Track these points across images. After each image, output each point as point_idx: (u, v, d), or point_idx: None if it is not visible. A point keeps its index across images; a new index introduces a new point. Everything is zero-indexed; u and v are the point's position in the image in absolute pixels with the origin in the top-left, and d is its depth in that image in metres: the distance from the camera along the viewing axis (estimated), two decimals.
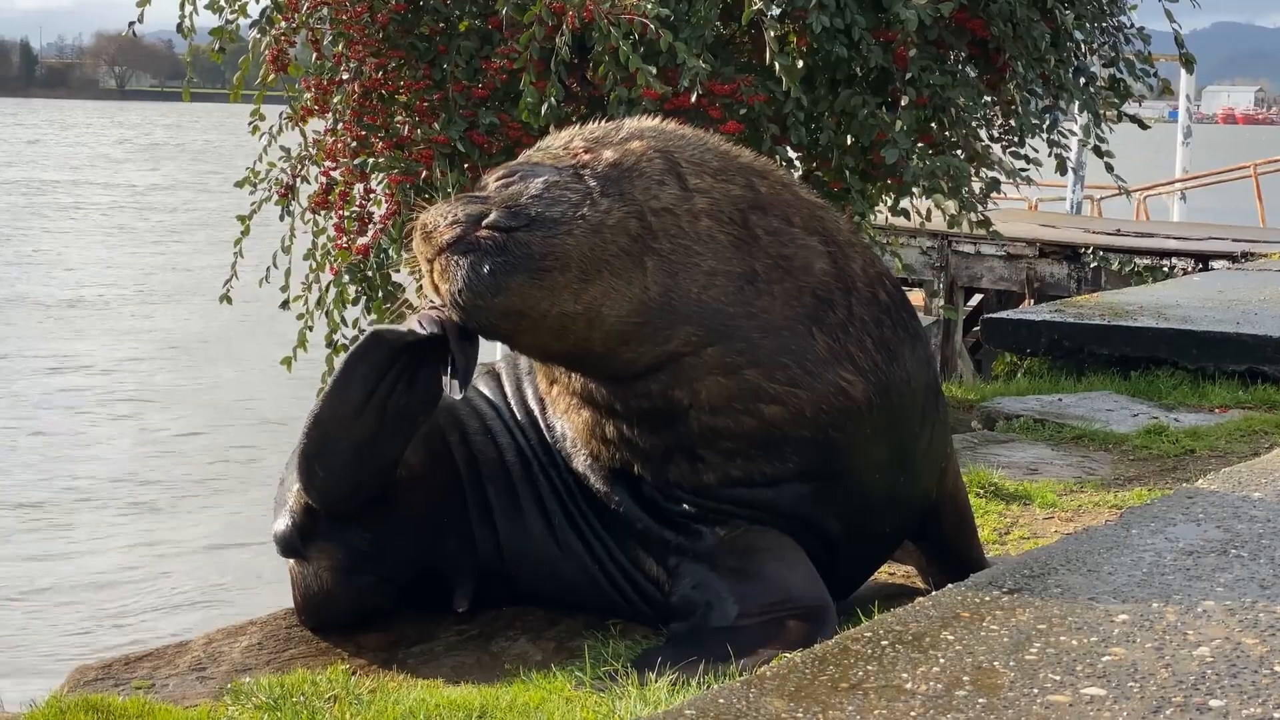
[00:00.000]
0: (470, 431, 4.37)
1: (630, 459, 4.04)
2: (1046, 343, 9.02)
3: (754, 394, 3.86)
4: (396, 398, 3.95)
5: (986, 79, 7.28)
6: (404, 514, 4.20)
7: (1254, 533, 4.12)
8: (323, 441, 4.02)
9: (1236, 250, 14.22)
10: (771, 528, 4.02)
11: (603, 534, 4.19)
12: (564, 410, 4.17)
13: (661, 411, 3.91)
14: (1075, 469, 6.52)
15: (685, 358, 3.85)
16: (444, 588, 4.28)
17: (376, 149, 7.05)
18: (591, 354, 3.88)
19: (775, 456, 3.95)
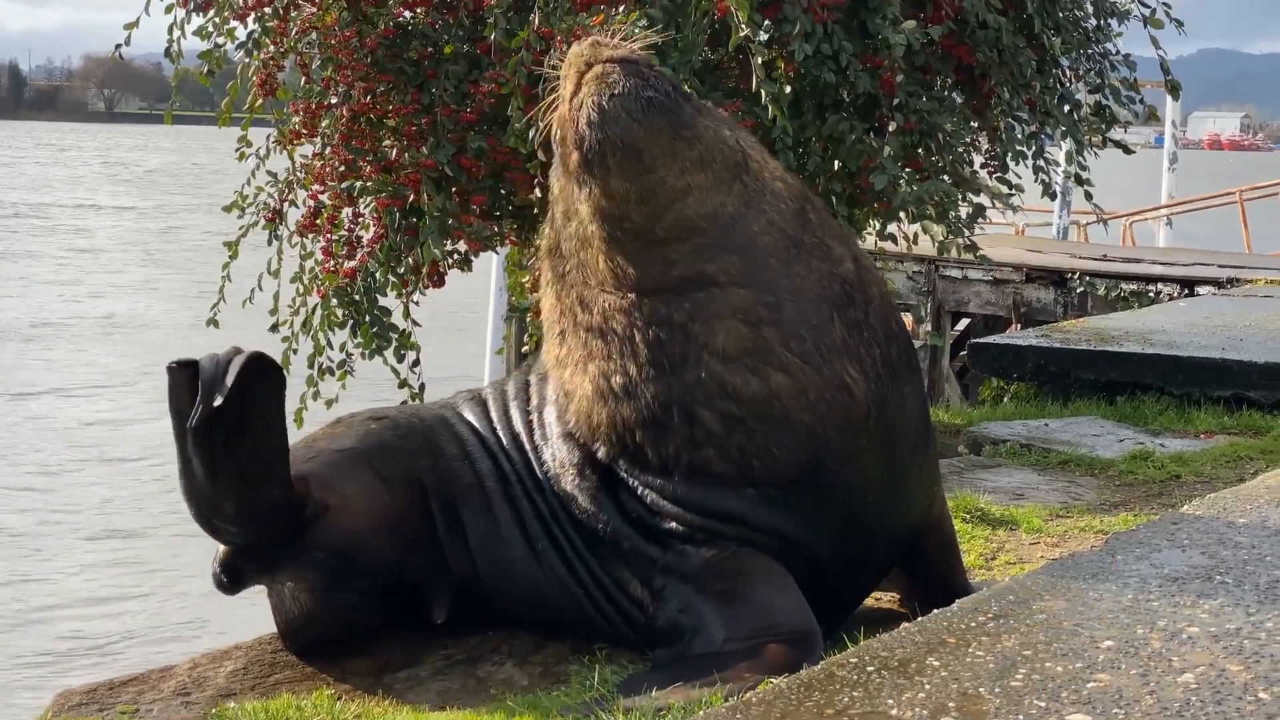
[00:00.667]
0: (448, 456, 4.39)
1: (630, 421, 3.99)
2: (1033, 368, 9.05)
3: (766, 354, 3.90)
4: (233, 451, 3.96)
5: (973, 105, 7.30)
6: (360, 529, 4.20)
7: (1239, 559, 4.13)
8: (204, 510, 4.04)
9: (1222, 276, 14.26)
10: (761, 552, 4.02)
11: (587, 557, 4.19)
12: (570, 373, 4.14)
13: (676, 347, 3.92)
14: (1061, 494, 6.53)
15: (717, 287, 3.92)
16: (423, 602, 4.29)
17: (364, 173, 7.06)
18: (649, 236, 3.94)
19: (772, 440, 3.92)
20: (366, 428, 4.47)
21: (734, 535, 4.00)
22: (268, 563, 4.17)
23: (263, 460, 4.02)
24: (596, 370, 4.04)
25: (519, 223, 7.64)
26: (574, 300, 4.11)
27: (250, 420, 3.95)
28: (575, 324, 4.11)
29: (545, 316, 4.29)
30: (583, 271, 4.08)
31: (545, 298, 4.29)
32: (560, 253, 4.17)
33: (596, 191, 3.94)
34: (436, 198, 6.68)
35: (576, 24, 6.13)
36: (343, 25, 6.89)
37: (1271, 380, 8.33)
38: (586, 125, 3.90)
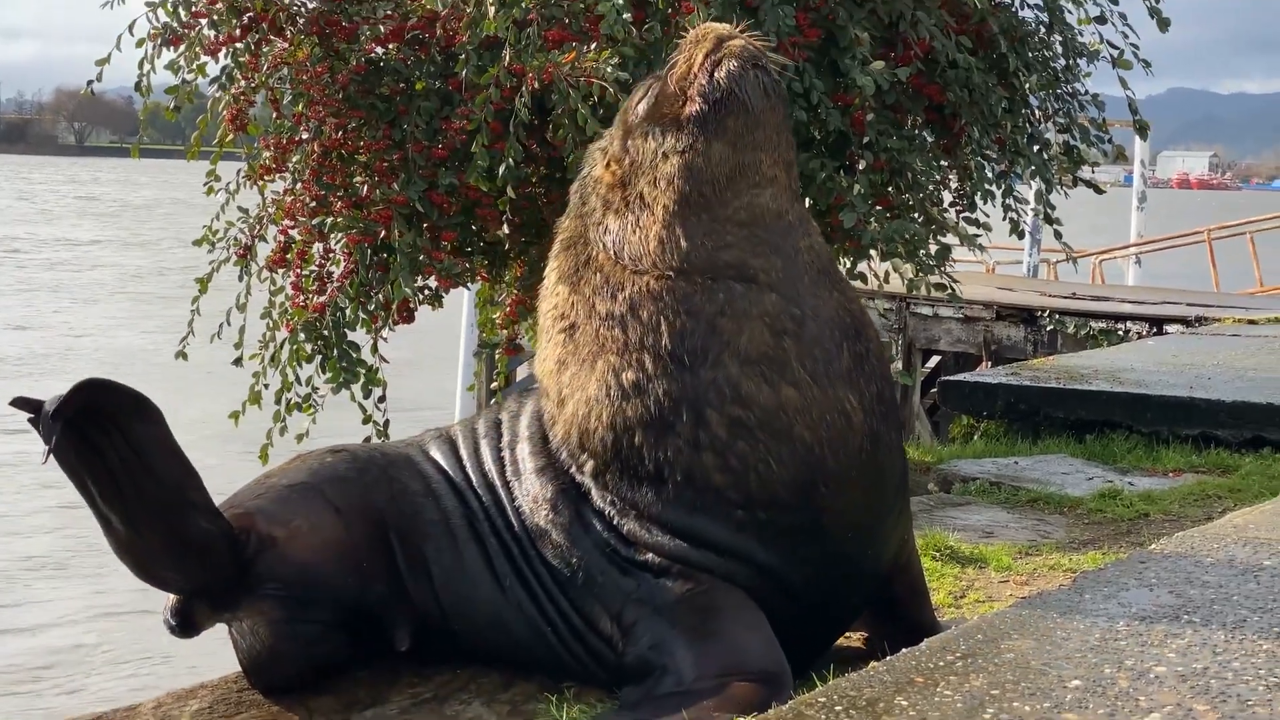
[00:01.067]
0: (410, 491, 4.37)
1: (633, 420, 3.96)
2: (1003, 405, 9.08)
3: (782, 365, 3.94)
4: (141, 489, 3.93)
5: (943, 144, 7.34)
6: (311, 560, 4.18)
7: (1206, 598, 4.14)
8: (139, 560, 4.02)
9: (1190, 315, 14.34)
10: (737, 588, 4.01)
11: (557, 594, 4.17)
12: (572, 374, 4.10)
13: (700, 341, 3.93)
14: (1030, 532, 6.54)
15: (755, 285, 3.98)
16: (386, 633, 4.27)
17: (335, 208, 7.05)
18: (719, 210, 4.00)
19: (772, 452, 3.91)
20: (322, 460, 4.45)
21: (712, 567, 3.98)
22: (218, 602, 4.14)
23: (173, 493, 3.98)
24: (606, 366, 4.01)
25: (490, 259, 7.64)
26: (597, 287, 4.09)
27: (143, 454, 3.90)
28: (592, 314, 4.07)
29: (547, 316, 4.25)
30: (618, 251, 4.07)
31: (551, 296, 4.25)
32: (585, 240, 4.17)
33: (699, 147, 3.99)
34: (407, 234, 6.67)
35: (548, 61, 6.15)
36: (314, 61, 6.89)
37: (1239, 419, 8.38)
38: (726, 78, 3.99)
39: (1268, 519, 5.23)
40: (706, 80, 4.01)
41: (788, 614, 4.07)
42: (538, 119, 6.60)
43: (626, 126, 4.20)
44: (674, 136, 4.03)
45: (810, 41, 6.38)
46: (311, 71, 6.86)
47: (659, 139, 4.07)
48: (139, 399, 3.93)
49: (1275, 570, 4.46)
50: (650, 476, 3.97)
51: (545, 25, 6.37)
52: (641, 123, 4.14)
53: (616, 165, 4.17)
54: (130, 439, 3.87)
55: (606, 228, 4.13)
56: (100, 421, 3.82)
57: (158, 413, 3.97)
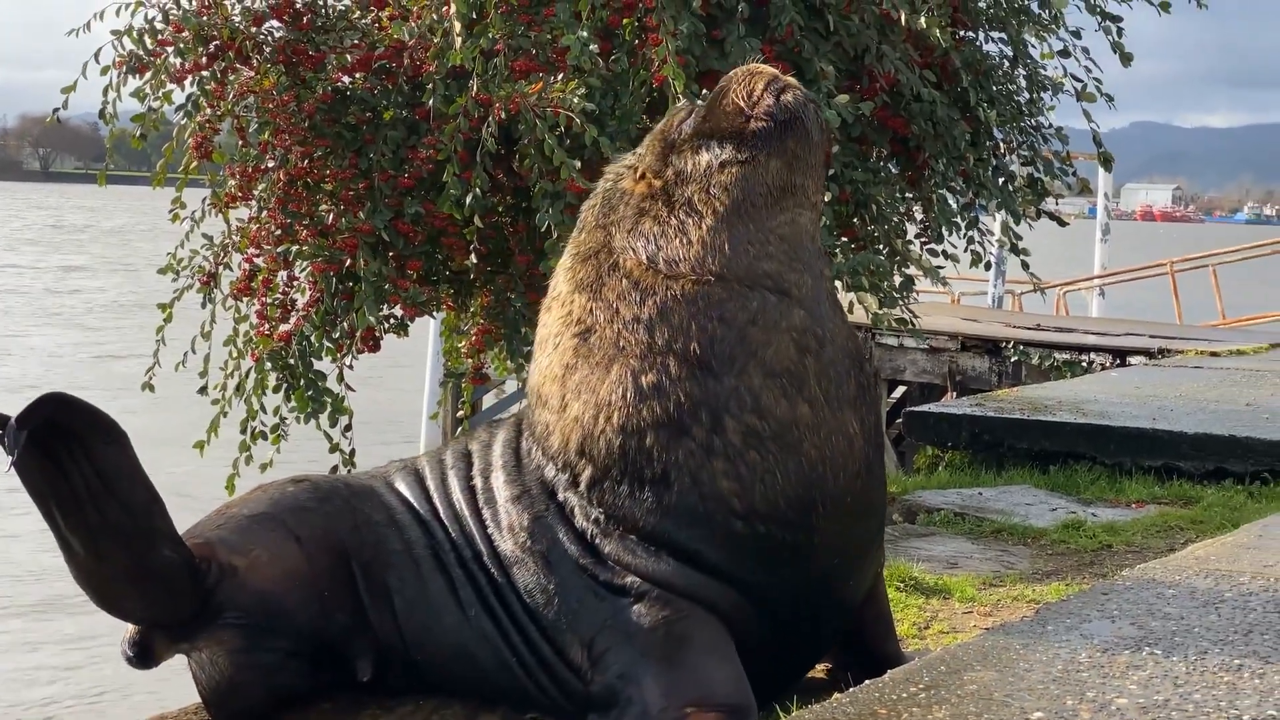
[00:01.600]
0: (373, 522, 4.36)
1: (648, 421, 3.98)
2: (967, 436, 9.10)
3: (801, 382, 4.02)
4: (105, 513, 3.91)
5: (908, 175, 7.38)
6: (271, 589, 4.17)
7: (1167, 630, 4.15)
8: (100, 588, 4.00)
9: (1153, 346, 14.43)
10: (714, 617, 4.01)
11: (526, 624, 4.16)
12: (580, 377, 4.11)
13: (729, 348, 4.00)
14: (994, 563, 6.56)
15: (788, 299, 4.08)
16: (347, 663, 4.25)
17: (301, 237, 7.04)
18: (765, 221, 4.12)
19: (780, 466, 3.97)
20: (283, 491, 4.44)
21: (695, 591, 3.99)
22: (178, 633, 4.12)
23: (137, 519, 3.96)
24: (624, 369, 4.03)
25: (455, 288, 7.64)
26: (623, 292, 4.12)
27: (108, 478, 3.88)
28: (615, 318, 4.09)
29: (556, 323, 4.25)
30: (652, 256, 4.13)
31: (563, 305, 4.25)
32: (609, 249, 4.20)
33: (760, 160, 4.11)
34: (373, 263, 6.66)
35: (515, 91, 6.16)
36: (281, 89, 6.89)
37: (1201, 450, 8.42)
38: (793, 102, 4.15)
39: (1229, 551, 5.26)
40: (774, 102, 4.13)
41: (766, 643, 4.08)
42: (504, 149, 6.61)
43: (667, 143, 4.26)
44: (734, 149, 4.12)
45: None
46: (278, 100, 6.85)
47: (715, 151, 4.15)
48: (106, 421, 3.91)
49: (1236, 602, 4.49)
50: (654, 480, 3.98)
51: (512, 56, 6.38)
52: (692, 137, 4.21)
53: (654, 177, 4.23)
54: (96, 462, 3.86)
55: (641, 233, 4.17)
56: (66, 441, 3.81)
57: (124, 436, 3.96)
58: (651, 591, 3.99)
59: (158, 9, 6.96)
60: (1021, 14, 7.18)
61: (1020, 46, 7.38)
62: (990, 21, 7.29)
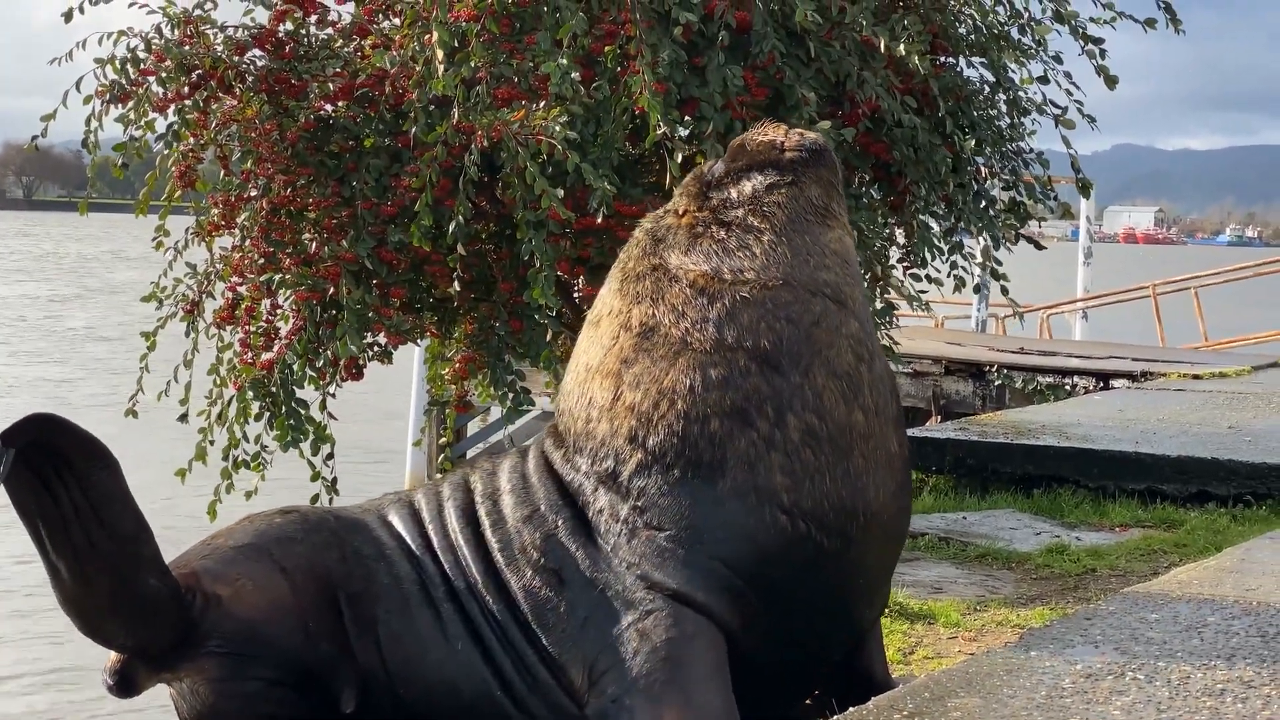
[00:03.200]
0: (362, 555, 4.37)
1: (714, 408, 4.09)
2: (951, 460, 9.12)
3: (858, 389, 4.21)
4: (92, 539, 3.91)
5: (890, 201, 7.40)
6: (256, 618, 4.17)
7: (1150, 654, 4.17)
8: (85, 614, 4.00)
9: (1136, 370, 14.47)
10: (720, 638, 4.03)
11: (524, 647, 4.17)
12: (639, 370, 4.21)
13: (798, 346, 4.16)
14: (979, 587, 6.57)
15: (845, 309, 4.29)
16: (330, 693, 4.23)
17: (284, 265, 7.03)
18: (815, 236, 4.34)
19: (832, 469, 4.11)
20: (270, 521, 4.44)
21: (709, 605, 4.03)
22: (160, 662, 4.12)
23: (124, 546, 3.97)
24: (691, 362, 4.16)
25: (439, 315, 7.63)
26: (688, 298, 4.25)
27: (97, 504, 3.89)
28: (681, 318, 4.23)
29: (612, 325, 4.37)
30: (715, 268, 4.28)
31: (618, 314, 4.38)
32: (664, 268, 4.36)
33: (802, 183, 4.36)
34: (356, 291, 6.66)
35: (497, 119, 6.16)
36: (263, 118, 6.89)
37: (1184, 474, 8.45)
38: (816, 138, 4.49)
39: (1212, 575, 5.28)
40: (800, 139, 4.41)
41: (776, 662, 4.16)
42: (487, 176, 6.62)
43: (702, 183, 4.48)
44: (776, 175, 4.36)
45: (758, 100, 6.43)
46: (260, 129, 6.85)
47: (758, 178, 4.38)
48: (97, 446, 3.92)
49: (1219, 626, 4.50)
50: (710, 467, 4.07)
51: (494, 83, 6.39)
52: (731, 171, 4.43)
53: (698, 209, 4.42)
54: (85, 487, 3.87)
55: (700, 250, 4.33)
56: (56, 463, 3.81)
57: (115, 462, 3.97)
58: (662, 609, 4.01)
59: (140, 38, 6.96)
60: (1001, 40, 7.20)
61: (1001, 72, 7.41)
62: (970, 48, 7.32)
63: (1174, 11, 7.43)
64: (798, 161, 4.37)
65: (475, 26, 6.43)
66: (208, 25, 7.01)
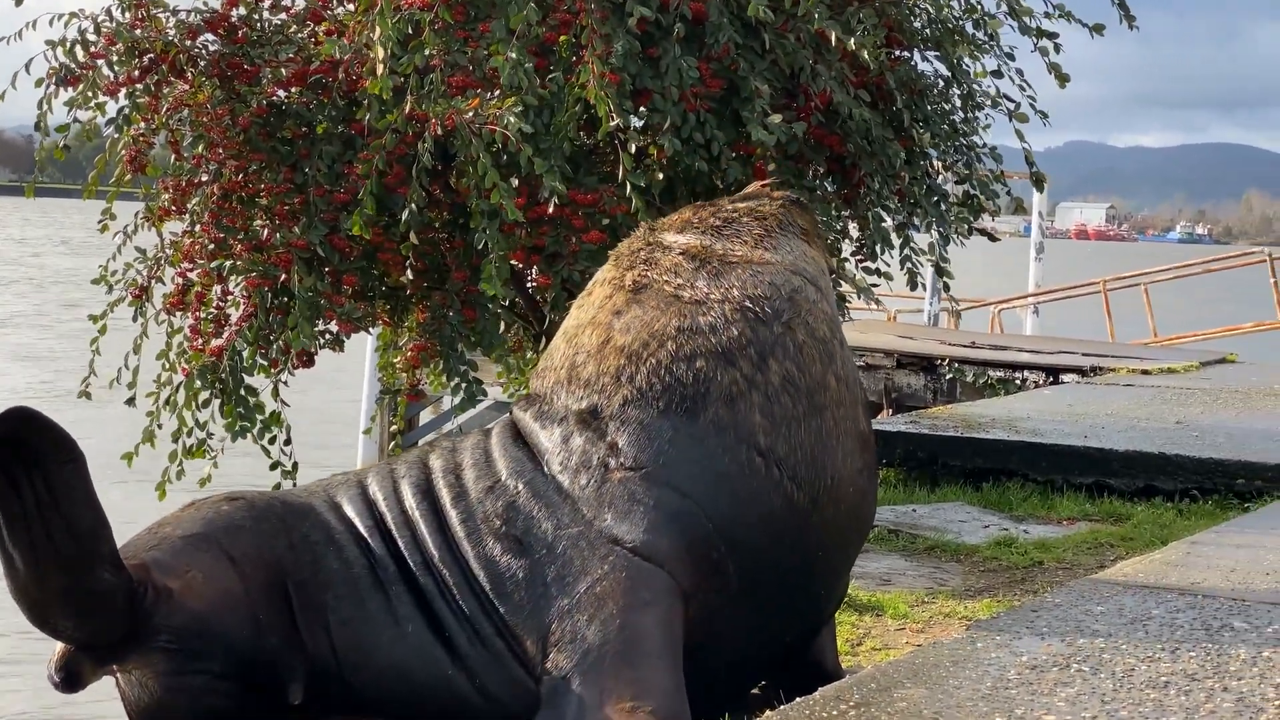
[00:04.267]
0: (311, 540, 4.35)
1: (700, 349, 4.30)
2: (901, 453, 9.15)
3: (831, 356, 4.45)
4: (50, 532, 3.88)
5: (844, 194, 7.42)
6: (206, 611, 4.14)
7: (1095, 647, 4.20)
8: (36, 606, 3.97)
9: (1086, 364, 14.53)
10: (679, 607, 4.06)
11: (481, 619, 4.18)
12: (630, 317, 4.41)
13: (780, 305, 4.41)
14: (927, 579, 6.60)
15: (820, 294, 4.57)
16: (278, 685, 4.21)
17: (235, 251, 6.99)
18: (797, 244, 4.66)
19: (807, 421, 4.29)
20: (217, 509, 4.40)
21: (678, 555, 4.07)
22: (107, 656, 4.10)
23: (82, 541, 3.93)
24: (681, 311, 4.40)
25: (392, 303, 7.61)
26: (681, 264, 4.51)
27: (60, 499, 3.86)
28: (675, 276, 4.49)
29: (604, 291, 4.59)
30: (707, 247, 4.56)
31: (616, 281, 4.59)
32: (661, 244, 4.63)
33: (790, 209, 4.75)
34: (308, 278, 6.63)
35: (451, 108, 6.14)
36: (215, 103, 6.85)
37: (1131, 468, 8.51)
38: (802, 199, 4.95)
39: (1157, 568, 5.32)
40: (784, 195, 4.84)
41: (739, 632, 4.22)
42: (441, 165, 6.59)
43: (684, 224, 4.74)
44: (769, 203, 4.75)
45: (712, 92, 6.43)
46: (212, 114, 6.81)
47: (754, 202, 4.77)
48: (66, 439, 3.89)
49: (1163, 619, 4.54)
50: (692, 401, 4.25)
51: (448, 72, 6.37)
52: (721, 209, 4.75)
53: (693, 213, 4.79)
54: (50, 480, 3.83)
55: (695, 231, 4.65)
56: (24, 456, 3.77)
57: (82, 456, 3.94)
58: (622, 570, 4.03)
59: (90, 20, 6.90)
60: (955, 34, 7.23)
61: (956, 66, 7.43)
62: (925, 41, 7.34)
63: (1128, 8, 7.47)
64: (786, 200, 4.80)
65: (429, 15, 6.40)
66: (159, 9, 6.97)
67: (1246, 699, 3.77)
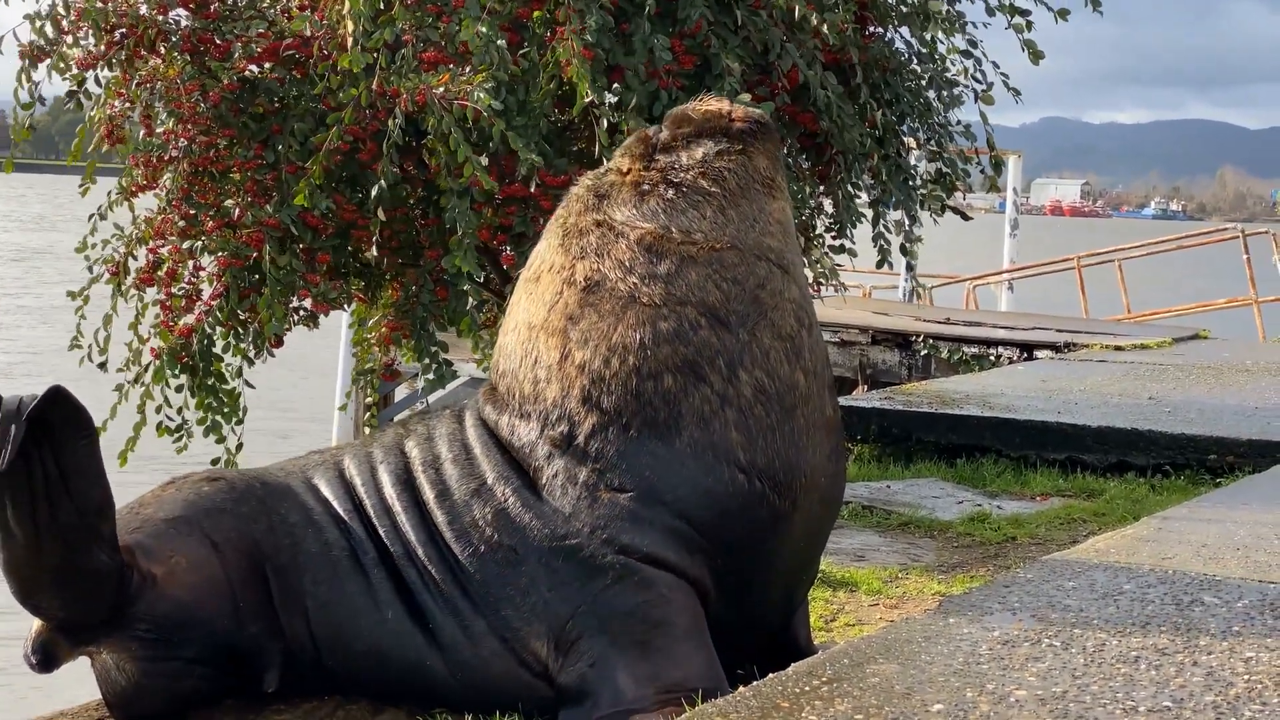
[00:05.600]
0: (289, 522, 4.31)
1: (667, 362, 4.12)
2: (876, 429, 9.17)
3: (799, 351, 4.30)
4: (56, 510, 3.84)
5: (818, 170, 7.42)
6: (188, 599, 4.12)
7: (1067, 622, 4.22)
8: (26, 582, 3.94)
9: (1060, 341, 14.58)
10: (694, 599, 4.06)
11: (470, 618, 4.14)
12: (586, 325, 4.20)
13: (744, 306, 4.22)
14: (901, 555, 6.62)
15: (787, 274, 4.36)
16: (255, 670, 4.20)
17: (207, 228, 6.95)
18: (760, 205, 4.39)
19: (781, 426, 4.18)
20: (199, 490, 4.36)
21: (677, 565, 4.05)
22: (86, 637, 4.07)
23: (87, 518, 3.89)
24: (640, 316, 4.18)
25: (366, 281, 7.59)
26: (634, 255, 4.26)
27: (69, 475, 3.81)
28: (628, 273, 4.24)
29: (554, 280, 4.35)
30: (664, 226, 4.29)
31: (559, 270, 4.35)
32: (608, 224, 4.34)
33: (750, 152, 4.41)
34: (280, 257, 6.60)
35: (421, 83, 6.11)
36: (186, 78, 6.81)
37: (1104, 443, 8.54)
38: (758, 113, 4.55)
39: (1128, 544, 5.34)
40: (747, 112, 4.50)
41: (726, 628, 4.18)
42: (414, 141, 6.57)
43: (649, 145, 4.48)
44: (725, 142, 4.41)
45: (685, 70, 6.42)
46: (183, 89, 6.77)
47: (708, 144, 4.41)
48: (86, 417, 3.84)
49: (1134, 595, 4.56)
50: (666, 425, 4.10)
51: (420, 47, 6.34)
52: (678, 136, 4.46)
53: (644, 169, 4.43)
54: (63, 456, 3.78)
55: (648, 208, 4.34)
56: (39, 431, 3.72)
57: (95, 433, 3.90)
58: (634, 572, 4.01)
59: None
60: (923, 14, 7.22)
61: (930, 44, 7.43)
62: (898, 19, 7.34)
63: None
64: (746, 132, 4.43)
65: None
66: None
67: (1216, 673, 3.79)
